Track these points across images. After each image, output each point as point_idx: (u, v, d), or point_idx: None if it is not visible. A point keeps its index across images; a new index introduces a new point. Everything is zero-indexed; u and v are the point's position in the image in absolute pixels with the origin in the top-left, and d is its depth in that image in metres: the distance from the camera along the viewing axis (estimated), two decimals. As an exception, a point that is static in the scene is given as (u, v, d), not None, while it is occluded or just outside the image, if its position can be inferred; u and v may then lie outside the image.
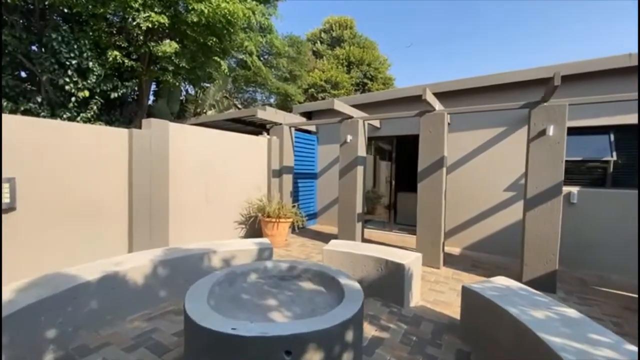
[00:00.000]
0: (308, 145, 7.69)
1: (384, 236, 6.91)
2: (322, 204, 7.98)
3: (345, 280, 2.20)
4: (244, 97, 12.41)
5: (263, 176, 6.36)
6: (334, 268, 2.44)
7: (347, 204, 5.68)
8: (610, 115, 4.92)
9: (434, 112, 4.83)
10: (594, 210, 4.98)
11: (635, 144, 4.95)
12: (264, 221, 5.46)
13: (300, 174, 7.42)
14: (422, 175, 4.93)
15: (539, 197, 4.10)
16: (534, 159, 4.13)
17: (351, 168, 5.61)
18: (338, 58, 19.17)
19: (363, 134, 5.76)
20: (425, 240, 4.91)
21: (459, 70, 52.00)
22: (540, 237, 4.11)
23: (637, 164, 4.65)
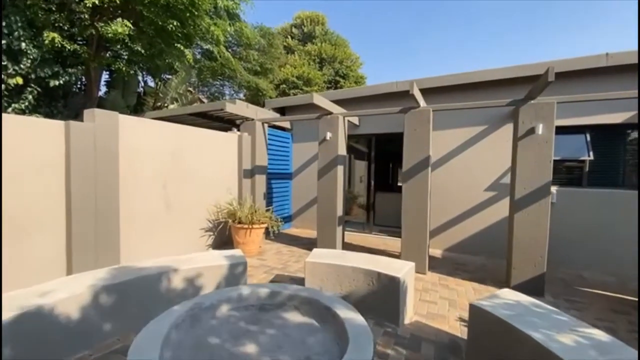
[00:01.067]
0: (282, 143, 7.17)
1: (363, 239, 6.60)
2: (298, 206, 7.51)
3: (344, 311, 1.77)
4: (210, 91, 11.54)
5: (233, 177, 5.75)
6: (327, 294, 1.99)
7: (326, 207, 5.27)
8: (586, 115, 4.95)
9: (419, 108, 4.56)
10: (572, 209, 5.01)
11: (609, 144, 5.04)
12: (235, 228, 4.89)
13: (274, 174, 6.88)
14: (406, 176, 4.64)
15: (527, 199, 3.96)
16: (521, 158, 3.98)
17: (331, 168, 5.20)
18: (310, 54, 18.70)
19: (343, 132, 5.37)
20: (410, 244, 4.63)
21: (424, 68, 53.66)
22: (528, 240, 3.97)
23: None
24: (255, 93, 10.44)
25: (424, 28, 45.70)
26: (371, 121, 6.50)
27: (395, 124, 6.34)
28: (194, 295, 2.85)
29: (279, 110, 7.57)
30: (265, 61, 10.74)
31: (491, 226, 5.61)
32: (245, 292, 1.98)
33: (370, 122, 6.51)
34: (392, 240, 6.49)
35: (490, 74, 5.30)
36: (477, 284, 4.28)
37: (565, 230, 4.98)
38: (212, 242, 5.31)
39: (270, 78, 11.85)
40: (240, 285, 2.09)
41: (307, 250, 5.56)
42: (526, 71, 5.03)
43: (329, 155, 5.21)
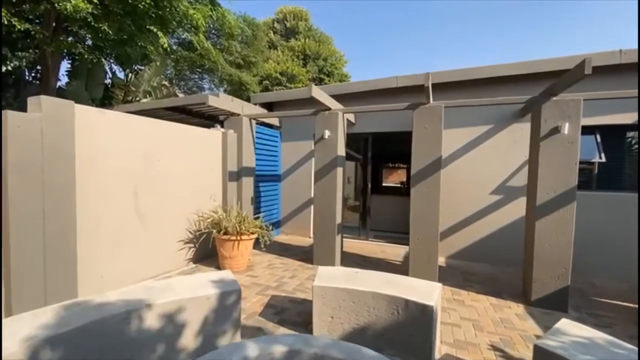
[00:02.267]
0: (271, 142, 6.54)
1: (360, 246, 6.10)
2: (287, 210, 6.90)
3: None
4: (187, 85, 10.64)
5: (217, 180, 5.06)
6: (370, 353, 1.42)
7: (324, 214, 4.71)
8: (596, 115, 4.71)
9: (429, 104, 4.10)
10: (581, 214, 4.75)
11: (620, 145, 4.83)
12: (220, 240, 4.22)
13: (261, 176, 6.24)
14: (416, 179, 4.18)
15: (551, 205, 3.60)
16: (544, 161, 3.62)
17: (329, 170, 4.65)
18: (293, 50, 18.07)
19: (343, 129, 4.84)
20: (419, 256, 4.17)
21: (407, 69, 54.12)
22: (551, 250, 3.62)
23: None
24: (238, 87, 9.69)
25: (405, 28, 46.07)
26: (368, 119, 6.01)
27: (394, 123, 5.90)
28: (173, 337, 2.21)
29: (265, 106, 6.91)
30: (249, 54, 10.01)
31: (497, 232, 5.29)
32: (251, 353, 1.39)
33: (366, 121, 6.02)
34: (390, 247, 6.04)
35: (500, 69, 4.96)
36: (494, 299, 3.89)
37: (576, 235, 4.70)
38: (193, 255, 4.61)
39: (254, 72, 11.11)
40: (242, 341, 1.49)
41: (302, 262, 4.98)
42: (536, 67, 4.72)
43: (327, 155, 4.66)
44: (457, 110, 5.12)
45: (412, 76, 5.46)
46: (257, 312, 3.12)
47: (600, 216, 4.68)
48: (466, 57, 54.21)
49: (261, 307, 3.27)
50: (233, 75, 9.41)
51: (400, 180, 10.02)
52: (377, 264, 5.08)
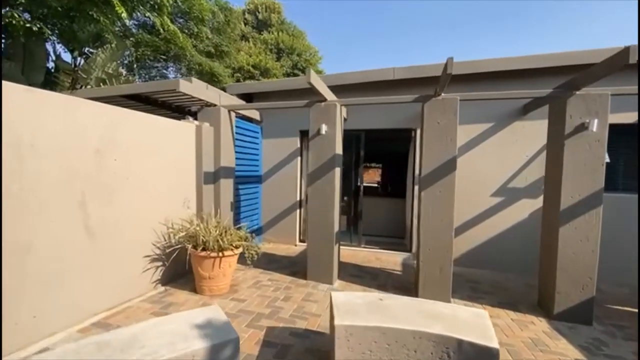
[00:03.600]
0: (251, 138, 5.77)
1: (352, 253, 5.56)
2: (269, 215, 6.17)
3: None
4: (150, 74, 9.41)
5: (190, 182, 4.23)
6: None
7: (320, 220, 4.09)
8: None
9: (443, 96, 3.63)
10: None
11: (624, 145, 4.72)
12: (197, 257, 3.44)
13: (241, 177, 5.46)
14: (426, 181, 3.69)
15: (576, 209, 3.29)
16: (569, 161, 3.29)
17: (326, 171, 4.03)
18: (266, 43, 17.16)
19: (341, 124, 4.24)
20: (430, 266, 3.70)
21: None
22: (576, 258, 3.31)
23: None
24: (209, 79, 8.70)
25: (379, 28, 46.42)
26: (361, 115, 5.46)
27: (390, 120, 5.42)
28: None
29: (243, 99, 6.12)
30: (221, 42, 9.03)
31: (498, 236, 5.01)
32: None
33: (359, 116, 5.46)
34: (385, 254, 5.56)
35: (509, 63, 4.63)
36: (513, 313, 3.52)
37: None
38: (163, 275, 3.76)
39: (227, 62, 10.13)
40: None
41: (292, 277, 4.32)
42: (548, 61, 4.46)
43: (323, 154, 4.04)
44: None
45: (411, 68, 5.01)
46: (253, 355, 2.42)
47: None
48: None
49: (257, 345, 2.57)
50: (203, 64, 8.41)
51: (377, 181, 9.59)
52: (375, 275, 4.56)
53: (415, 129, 5.35)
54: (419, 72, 4.90)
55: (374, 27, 45.32)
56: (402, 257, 5.44)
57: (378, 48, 48.87)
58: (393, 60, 54.89)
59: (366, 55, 50.66)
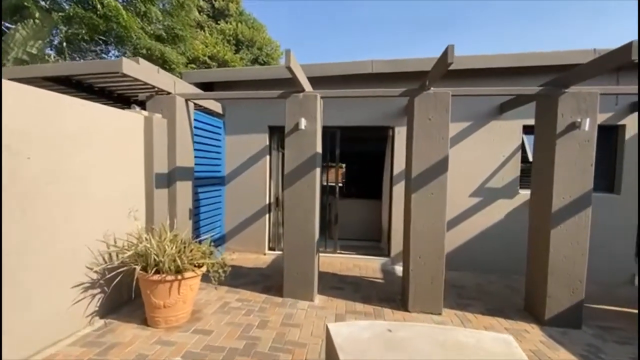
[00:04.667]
0: (213, 133, 5.03)
1: (329, 261, 5.12)
2: (234, 222, 5.48)
3: None
4: (85, 57, 8.02)
5: (138, 186, 3.44)
6: None
7: (299, 227, 3.57)
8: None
9: (434, 91, 3.33)
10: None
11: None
12: (149, 282, 2.72)
13: (201, 179, 4.72)
14: (416, 183, 3.37)
15: (566, 211, 3.19)
16: (560, 161, 3.18)
17: (306, 171, 3.53)
18: (224, 33, 16.01)
19: (321, 119, 3.76)
20: (421, 276, 3.39)
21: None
22: (566, 261, 3.21)
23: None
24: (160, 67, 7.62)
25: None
26: (336, 111, 5.03)
27: (366, 117, 5.08)
28: None
29: (202, 89, 5.34)
30: (175, 25, 7.97)
31: (477, 237, 4.92)
32: None
33: (334, 112, 5.02)
34: (363, 260, 5.21)
35: (493, 60, 4.52)
36: (504, 320, 3.36)
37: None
38: (102, 305, 2.96)
39: (182, 49, 9.04)
40: None
41: (266, 294, 3.75)
42: (533, 60, 4.43)
43: (302, 152, 3.52)
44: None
45: (391, 61, 4.69)
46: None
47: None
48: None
49: (232, 399, 1.99)
50: (153, 49, 7.32)
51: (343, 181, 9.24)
52: (357, 285, 4.17)
53: (394, 127, 5.07)
54: (401, 66, 4.61)
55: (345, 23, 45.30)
56: (381, 262, 5.13)
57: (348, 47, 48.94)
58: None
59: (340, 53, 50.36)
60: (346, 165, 7.26)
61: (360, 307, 3.51)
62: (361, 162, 7.55)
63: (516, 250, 4.79)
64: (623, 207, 4.53)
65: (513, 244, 4.81)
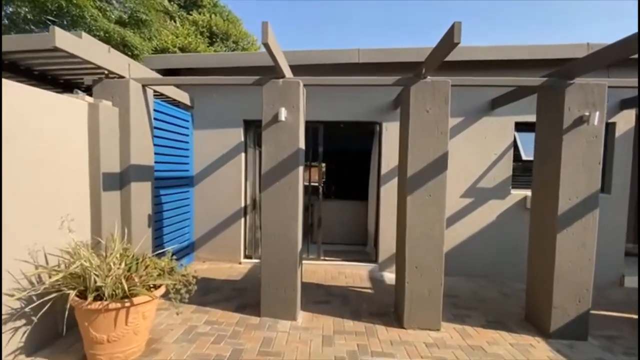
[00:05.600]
0: (178, 127, 4.42)
1: (312, 268, 4.66)
2: (204, 227, 4.87)
3: None
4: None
5: (79, 189, 2.81)
6: None
7: (279, 235, 3.08)
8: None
9: (432, 79, 2.96)
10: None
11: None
12: (86, 311, 2.12)
13: (164, 180, 4.11)
14: (413, 183, 2.98)
15: (573, 213, 2.93)
16: (568, 159, 2.91)
17: (287, 170, 3.04)
18: (197, 25, 15.08)
19: (304, 110, 3.29)
20: (417, 287, 3.01)
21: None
22: (573, 268, 2.95)
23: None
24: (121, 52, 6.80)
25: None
26: (318, 105, 4.56)
27: (351, 111, 4.67)
28: None
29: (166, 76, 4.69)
30: (138, 8, 7.12)
31: (468, 239, 4.65)
32: None
33: (316, 106, 4.54)
34: (349, 267, 4.79)
35: (493, 52, 4.24)
36: (507, 334, 3.05)
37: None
38: (27, 341, 2.32)
39: (147, 35, 8.17)
40: None
41: (241, 313, 3.23)
42: (533, 53, 4.19)
43: (283, 147, 3.03)
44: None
45: (381, 50, 4.31)
46: None
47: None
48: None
49: None
50: (112, 32, 6.48)
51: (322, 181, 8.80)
52: (344, 297, 3.75)
53: (381, 122, 4.69)
54: (391, 56, 4.22)
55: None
56: (368, 269, 4.74)
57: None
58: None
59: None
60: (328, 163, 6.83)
61: (350, 325, 3.08)
62: (344, 160, 7.15)
63: (507, 252, 4.58)
64: (613, 207, 4.41)
65: (504, 247, 4.59)
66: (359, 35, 50.84)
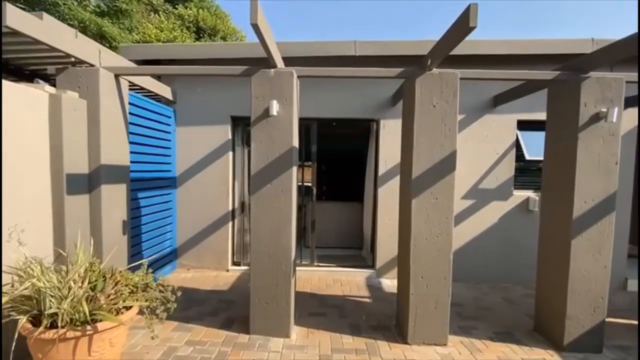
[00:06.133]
0: (159, 123, 4.04)
1: (306, 276, 4.37)
2: (189, 232, 4.51)
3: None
4: None
5: (40, 193, 2.43)
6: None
7: (270, 242, 2.77)
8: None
9: (439, 71, 2.70)
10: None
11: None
12: (40, 341, 1.77)
13: (143, 180, 3.73)
14: (417, 185, 2.72)
15: (589, 217, 2.72)
16: (583, 158, 2.70)
17: (279, 171, 2.73)
18: (183, 19, 14.50)
19: (298, 104, 2.98)
20: (423, 299, 2.75)
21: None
22: (588, 276, 2.74)
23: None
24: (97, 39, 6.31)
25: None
26: (312, 100, 4.26)
27: (347, 108, 4.38)
28: None
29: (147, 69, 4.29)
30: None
31: (469, 243, 4.43)
32: None
33: (310, 102, 4.23)
34: (344, 273, 4.51)
35: (504, 46, 4.01)
36: (517, 347, 2.84)
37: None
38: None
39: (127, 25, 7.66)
40: None
41: (228, 330, 2.91)
42: (546, 48, 3.98)
43: (274, 145, 2.72)
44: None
45: (379, 43, 4.03)
46: None
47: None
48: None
49: None
50: (88, 22, 6.01)
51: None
52: (341, 309, 3.46)
53: (379, 119, 4.42)
54: (390, 49, 3.96)
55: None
56: (365, 275, 4.46)
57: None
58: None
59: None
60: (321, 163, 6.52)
61: (349, 342, 2.79)
62: (338, 160, 6.86)
63: (509, 256, 4.40)
64: (617, 208, 4.25)
65: (506, 250, 4.41)
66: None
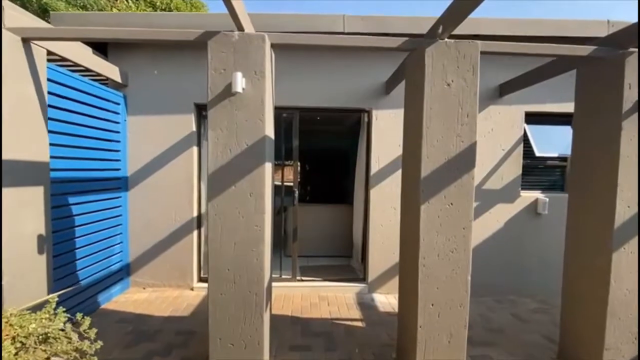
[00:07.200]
0: (103, 111, 3.25)
1: (287, 293, 3.71)
2: (144, 244, 3.73)
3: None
4: None
5: None
6: None
7: (235, 265, 2.08)
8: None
9: (454, 41, 2.11)
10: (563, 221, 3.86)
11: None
12: None
13: (78, 182, 2.95)
14: (428, 187, 2.12)
15: (632, 225, 2.21)
16: (625, 154, 2.19)
17: (248, 168, 2.04)
18: (154, 6, 13.40)
19: (272, 78, 2.31)
20: (435, 331, 2.16)
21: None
22: (630, 297, 2.25)
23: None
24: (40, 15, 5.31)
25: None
26: (290, 86, 3.60)
27: (333, 96, 3.75)
28: None
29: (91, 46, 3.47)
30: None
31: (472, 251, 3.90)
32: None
33: (288, 88, 3.58)
34: (331, 288, 3.88)
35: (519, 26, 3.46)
36: (547, 387, 2.29)
37: (555, 252, 3.71)
38: None
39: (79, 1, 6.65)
40: None
41: (182, 378, 2.19)
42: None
43: (241, 133, 2.03)
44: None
45: (373, 19, 3.41)
46: None
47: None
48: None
49: None
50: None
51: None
52: (329, 338, 2.82)
53: (370, 109, 3.81)
54: (385, 27, 3.33)
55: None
56: (355, 291, 3.85)
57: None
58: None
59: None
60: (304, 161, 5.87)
61: (340, 389, 2.16)
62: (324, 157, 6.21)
63: (515, 265, 3.93)
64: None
65: (511, 259, 3.93)
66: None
